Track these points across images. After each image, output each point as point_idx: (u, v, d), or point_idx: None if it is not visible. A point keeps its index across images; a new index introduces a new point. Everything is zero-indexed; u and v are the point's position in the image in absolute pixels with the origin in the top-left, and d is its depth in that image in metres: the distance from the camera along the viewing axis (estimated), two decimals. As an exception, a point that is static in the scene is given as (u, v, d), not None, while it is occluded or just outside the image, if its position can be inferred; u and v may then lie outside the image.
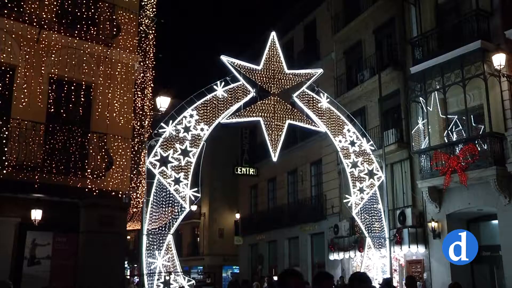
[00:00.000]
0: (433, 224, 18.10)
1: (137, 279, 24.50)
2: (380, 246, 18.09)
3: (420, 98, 18.85)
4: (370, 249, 18.00)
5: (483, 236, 18.15)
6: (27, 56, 13.42)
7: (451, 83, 17.50)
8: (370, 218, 18.22)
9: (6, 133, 12.47)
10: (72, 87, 13.79)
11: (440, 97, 18.37)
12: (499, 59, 15.96)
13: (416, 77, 18.84)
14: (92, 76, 14.50)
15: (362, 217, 18.18)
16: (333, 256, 22.47)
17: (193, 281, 15.39)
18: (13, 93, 13.13)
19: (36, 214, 13.84)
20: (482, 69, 16.46)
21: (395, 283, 18.32)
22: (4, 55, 13.11)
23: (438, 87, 18.13)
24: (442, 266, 17.91)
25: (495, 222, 16.97)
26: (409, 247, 18.71)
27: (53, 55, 13.83)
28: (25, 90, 13.12)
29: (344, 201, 18.52)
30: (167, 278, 14.01)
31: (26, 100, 13.06)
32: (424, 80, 18.47)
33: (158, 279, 14.09)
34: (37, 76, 13.46)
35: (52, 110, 13.54)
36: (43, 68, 13.59)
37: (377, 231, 18.18)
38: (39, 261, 14.55)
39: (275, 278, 25.40)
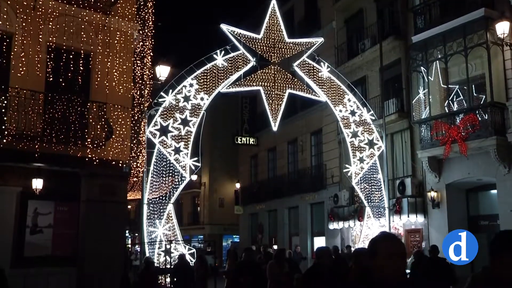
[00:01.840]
0: (433, 194, 18.20)
1: (138, 248, 24.74)
2: (379, 215, 18.23)
3: (421, 68, 18.71)
4: (370, 218, 18.14)
5: (481, 206, 18.29)
6: (24, 24, 13.23)
7: (453, 52, 17.34)
8: (370, 187, 18.30)
9: (5, 102, 12.40)
10: (71, 56, 13.66)
11: (441, 67, 18.23)
12: (502, 28, 15.77)
13: (418, 46, 18.66)
14: (91, 44, 14.33)
15: (362, 187, 18.26)
16: (333, 226, 22.65)
17: (194, 250, 15.52)
18: (11, 62, 13.01)
19: (37, 184, 13.90)
20: (485, 37, 16.28)
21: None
22: (0, 22, 12.93)
23: (439, 56, 17.98)
24: (441, 235, 18.03)
25: (494, 191, 17.05)
26: (408, 217, 18.85)
27: (50, 23, 13.64)
28: (23, 59, 12.99)
29: (344, 170, 18.58)
30: (168, 246, 14.13)
31: (24, 68, 12.95)
32: (426, 50, 18.30)
33: (159, 248, 14.22)
34: (34, 44, 13.31)
35: (51, 79, 13.43)
36: (40, 36, 13.42)
37: (376, 200, 18.30)
38: (41, 229, 14.68)
39: (275, 247, 25.67)
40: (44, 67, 13.41)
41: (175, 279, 11.68)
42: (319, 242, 24.30)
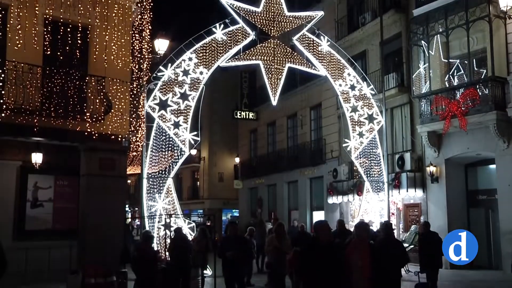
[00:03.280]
0: (432, 169, 18.25)
1: (138, 222, 24.89)
2: (378, 190, 18.27)
3: (422, 42, 18.56)
4: (369, 193, 18.19)
5: (480, 180, 18.36)
6: (19, -5, 13.06)
7: (455, 26, 17.17)
8: (369, 162, 18.31)
9: (2, 75, 12.32)
10: (68, 29, 13.51)
11: (442, 41, 18.08)
12: (506, 0, 15.54)
13: (419, 19, 18.48)
14: (88, 17, 14.17)
15: (361, 161, 18.26)
16: (332, 200, 22.76)
17: (193, 224, 15.60)
18: (7, 34, 12.87)
19: (37, 158, 13.94)
20: (488, 10, 16.11)
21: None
22: (-5, -6, 12.78)
23: (440, 30, 17.81)
24: (439, 210, 18.18)
25: (493, 166, 17.10)
26: (407, 191, 18.94)
27: (46, -5, 13.47)
28: (20, 32, 12.85)
29: (344, 145, 18.56)
30: (168, 220, 14.20)
31: (21, 41, 12.82)
32: (427, 23, 18.13)
33: (159, 222, 14.29)
34: (31, 16, 13.15)
35: (49, 52, 13.32)
36: (36, 8, 13.25)
37: (376, 175, 18.32)
38: (42, 203, 14.80)
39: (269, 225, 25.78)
40: (41, 40, 13.28)
41: (173, 253, 11.76)
42: (318, 216, 24.45)
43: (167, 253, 13.00)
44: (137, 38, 16.31)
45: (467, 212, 18.34)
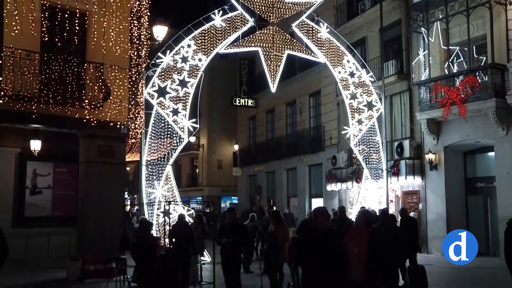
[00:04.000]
0: (430, 156, 18.26)
1: (137, 209, 24.92)
2: (377, 177, 18.27)
3: (422, 29, 18.47)
4: (368, 180, 18.21)
5: (478, 168, 18.38)
6: (16, -19, 12.94)
7: (455, 12, 17.07)
8: (368, 149, 18.29)
9: (0, 62, 12.24)
10: (66, 15, 13.41)
11: (442, 28, 17.98)
12: (506, -14, 15.45)
13: (419, 6, 18.37)
14: (86, 3, 14.07)
15: (360, 149, 18.24)
16: (331, 187, 22.80)
17: (192, 211, 15.61)
18: (4, 20, 12.77)
19: (35, 145, 13.92)
20: (488, -3, 16.01)
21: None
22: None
23: (441, 16, 17.71)
24: (438, 197, 18.22)
25: (492, 154, 17.10)
26: (405, 179, 18.96)
27: (43, -20, 13.35)
28: (17, 17, 12.75)
29: (343, 132, 18.54)
30: (167, 207, 14.20)
31: (18, 27, 12.73)
32: (427, 10, 18.02)
33: (158, 209, 14.30)
34: (28, 2, 13.04)
35: (46, 39, 13.24)
36: (34, -7, 13.15)
37: (374, 162, 18.32)
38: (41, 190, 14.83)
39: (274, 208, 25.82)
40: (39, 26, 13.20)
41: (173, 240, 11.78)
42: (317, 203, 24.47)
43: (166, 240, 13.03)
44: (135, 24, 16.22)
45: (466, 200, 18.38)
